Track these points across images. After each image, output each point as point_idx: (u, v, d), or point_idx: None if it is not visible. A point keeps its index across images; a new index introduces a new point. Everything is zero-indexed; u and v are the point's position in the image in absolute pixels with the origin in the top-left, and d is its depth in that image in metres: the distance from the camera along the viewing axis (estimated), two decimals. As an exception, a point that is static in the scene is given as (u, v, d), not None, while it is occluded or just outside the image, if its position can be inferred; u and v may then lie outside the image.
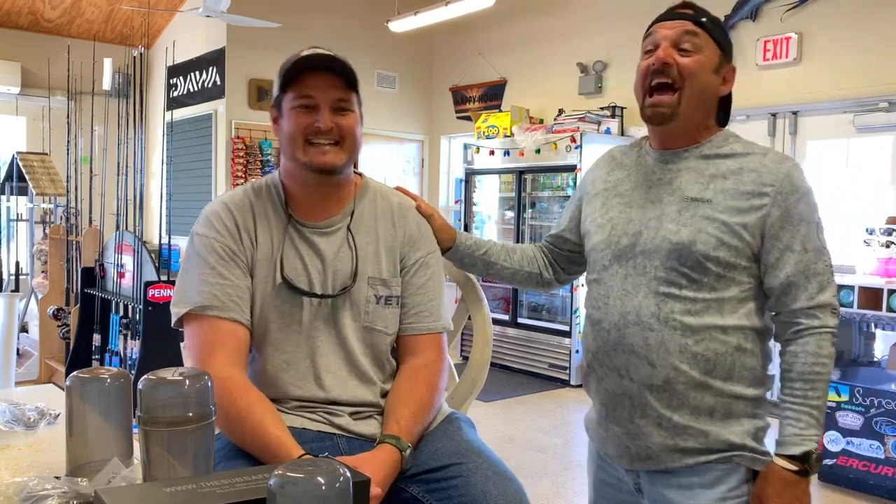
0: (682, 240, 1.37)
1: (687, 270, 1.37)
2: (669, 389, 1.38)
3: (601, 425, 1.52)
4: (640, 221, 1.44)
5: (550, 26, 6.51)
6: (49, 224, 5.36)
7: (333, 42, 6.89)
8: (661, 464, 1.41)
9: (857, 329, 3.87)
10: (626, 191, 1.51)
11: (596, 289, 1.50)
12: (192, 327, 1.44)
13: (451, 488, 1.35)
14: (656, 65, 1.39)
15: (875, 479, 3.41)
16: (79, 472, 1.08)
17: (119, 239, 4.19)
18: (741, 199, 1.36)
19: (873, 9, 4.55)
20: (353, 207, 1.56)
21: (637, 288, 1.41)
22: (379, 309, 1.53)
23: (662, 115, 1.40)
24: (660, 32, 1.42)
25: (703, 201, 1.38)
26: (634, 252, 1.43)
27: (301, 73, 1.45)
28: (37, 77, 6.76)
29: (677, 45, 1.39)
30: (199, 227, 1.51)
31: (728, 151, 1.42)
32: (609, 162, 1.61)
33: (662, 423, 1.40)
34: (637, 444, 1.43)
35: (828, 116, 4.82)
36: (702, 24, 1.40)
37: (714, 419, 1.38)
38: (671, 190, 1.43)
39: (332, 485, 0.82)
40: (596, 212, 1.55)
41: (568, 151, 5.46)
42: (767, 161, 1.38)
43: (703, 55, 1.39)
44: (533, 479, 3.59)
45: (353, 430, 1.47)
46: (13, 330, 4.44)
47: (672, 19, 1.42)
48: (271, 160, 6.77)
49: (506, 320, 6.03)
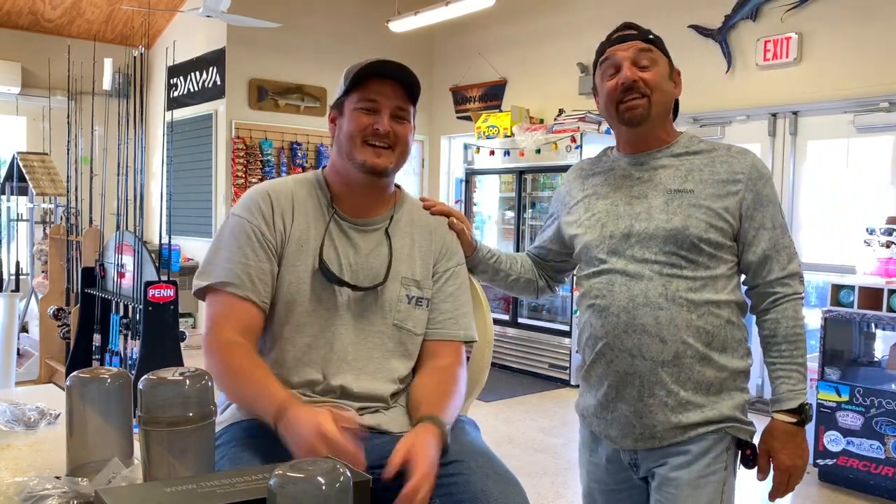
0: (676, 226, 1.53)
1: (685, 252, 1.53)
2: (678, 363, 1.52)
3: (605, 408, 1.62)
4: (629, 216, 1.59)
5: (550, 26, 6.51)
6: (49, 224, 5.36)
7: (333, 42, 6.91)
8: (664, 440, 1.55)
9: (857, 329, 3.87)
10: (607, 192, 1.66)
11: (596, 281, 1.62)
12: (211, 299, 1.50)
13: (452, 486, 1.35)
14: (626, 83, 1.55)
15: (875, 479, 3.41)
16: (79, 472, 1.09)
17: (119, 239, 4.19)
18: (718, 186, 1.55)
19: (873, 9, 4.55)
20: (393, 213, 1.62)
21: (640, 273, 1.55)
22: (410, 309, 1.57)
23: (640, 116, 1.56)
24: (618, 55, 1.58)
25: (685, 192, 1.55)
26: (630, 243, 1.57)
27: (367, 78, 1.52)
28: (37, 77, 6.77)
29: (636, 64, 1.56)
30: (237, 209, 1.57)
31: (697, 149, 1.61)
32: (580, 174, 1.76)
33: (669, 400, 1.53)
34: (643, 423, 1.56)
35: (828, 116, 4.82)
36: (650, 41, 1.59)
37: (710, 394, 1.54)
38: (653, 185, 1.59)
39: (332, 485, 0.82)
40: (581, 216, 1.68)
41: (568, 151, 5.46)
42: (733, 153, 1.59)
43: (658, 67, 1.58)
44: (533, 479, 3.59)
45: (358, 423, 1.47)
46: (13, 330, 4.44)
47: (623, 41, 1.59)
48: (271, 160, 6.77)
49: (506, 320, 6.03)
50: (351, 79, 1.53)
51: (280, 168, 6.81)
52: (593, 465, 1.73)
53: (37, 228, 5.66)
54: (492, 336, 1.87)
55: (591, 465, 1.74)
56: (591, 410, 1.68)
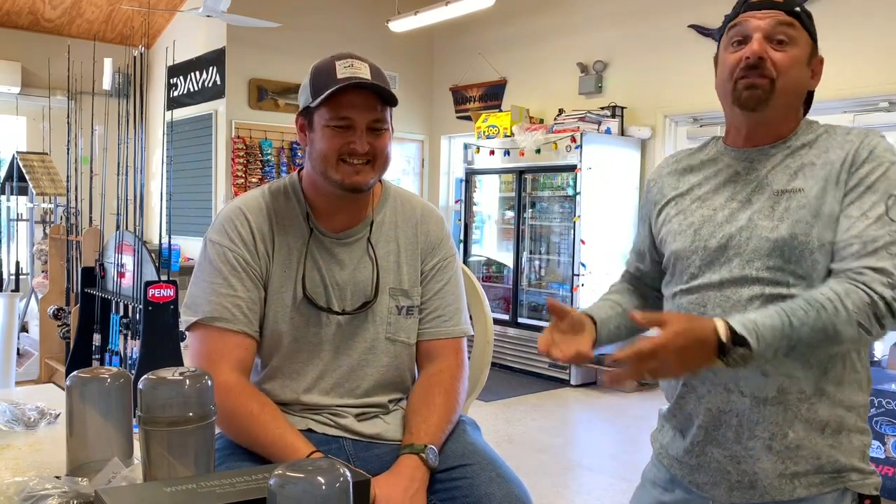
0: (783, 235, 1.26)
1: (793, 266, 1.26)
2: (783, 401, 1.27)
3: (694, 450, 1.37)
4: (728, 224, 1.33)
5: (550, 26, 6.51)
6: (49, 224, 5.35)
7: (333, 42, 6.90)
8: (767, 495, 1.30)
9: (857, 329, 3.86)
10: (705, 193, 1.39)
11: (685, 299, 1.36)
12: (200, 335, 1.44)
13: (455, 489, 1.35)
14: (751, 59, 1.27)
15: (875, 479, 3.41)
16: (79, 472, 1.09)
17: (119, 239, 4.19)
18: (829, 180, 1.26)
19: (873, 9, 4.55)
20: (373, 217, 1.55)
21: (739, 293, 1.29)
22: (401, 320, 1.53)
23: (757, 98, 1.29)
24: (751, 23, 1.30)
25: (794, 191, 1.28)
26: (727, 256, 1.31)
27: (337, 89, 1.40)
28: (37, 77, 6.76)
29: (771, 38, 1.28)
30: (214, 234, 1.49)
31: (810, 138, 1.33)
32: (675, 168, 1.49)
33: (774, 444, 1.28)
34: (741, 470, 1.31)
35: (828, 116, 4.81)
36: (796, 14, 1.30)
37: (825, 435, 1.28)
38: (759, 187, 1.32)
39: (332, 485, 0.82)
40: (671, 219, 1.42)
41: (568, 151, 5.46)
42: (852, 136, 1.30)
43: (797, 48, 1.30)
44: (533, 479, 3.59)
45: (357, 430, 1.47)
46: (13, 330, 4.43)
47: (763, 8, 1.30)
48: (271, 160, 6.77)
49: (506, 320, 6.03)
50: (318, 90, 1.41)
51: (280, 168, 6.81)
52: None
53: (37, 228, 5.66)
54: (492, 336, 1.87)
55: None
56: (671, 451, 1.43)
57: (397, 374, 1.54)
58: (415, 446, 1.37)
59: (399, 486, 1.30)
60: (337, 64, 1.41)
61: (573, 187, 5.50)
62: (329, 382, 1.49)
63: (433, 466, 1.36)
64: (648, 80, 5.76)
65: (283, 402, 1.47)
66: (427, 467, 1.35)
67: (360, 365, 1.50)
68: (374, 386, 1.51)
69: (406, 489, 1.30)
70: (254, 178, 6.66)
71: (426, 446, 1.37)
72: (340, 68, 1.40)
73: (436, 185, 7.83)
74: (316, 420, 1.47)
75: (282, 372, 1.49)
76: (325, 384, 1.49)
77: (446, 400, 1.48)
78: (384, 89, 1.41)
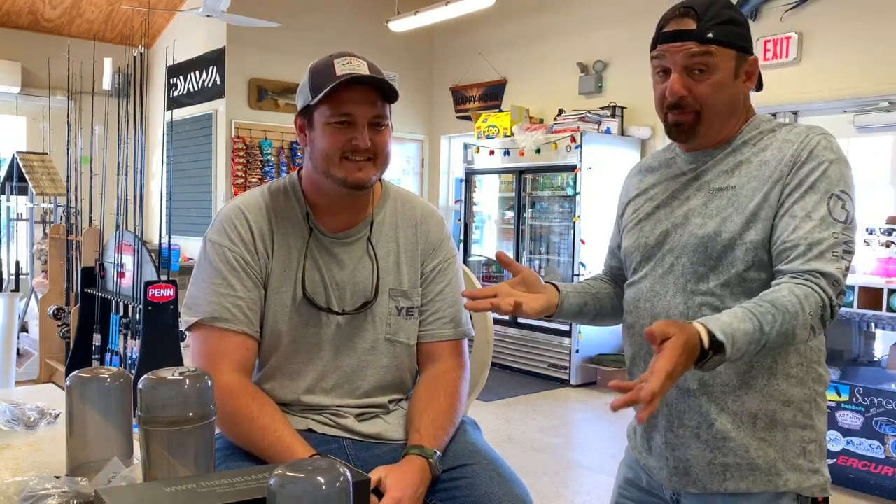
0: (709, 232, 1.30)
1: (713, 262, 1.30)
2: (707, 393, 1.30)
3: (644, 436, 1.44)
4: (668, 220, 1.39)
5: (550, 26, 6.51)
6: (49, 224, 5.35)
7: (333, 42, 6.90)
8: (700, 483, 1.33)
9: (857, 329, 3.87)
10: (655, 193, 1.45)
11: (629, 292, 1.45)
12: (200, 335, 1.44)
13: (456, 489, 1.36)
14: (672, 99, 1.32)
15: (875, 479, 3.41)
16: (79, 472, 1.09)
17: (119, 239, 4.19)
18: (763, 179, 1.29)
19: (873, 9, 4.55)
20: (373, 217, 1.54)
21: (665, 287, 1.35)
22: (400, 321, 1.53)
23: (685, 133, 1.34)
24: (668, 58, 1.32)
25: (727, 189, 1.32)
26: (663, 251, 1.37)
27: (337, 86, 1.39)
28: (37, 77, 6.76)
29: (690, 70, 1.30)
30: (213, 234, 1.49)
31: (752, 137, 1.35)
32: (640, 169, 1.55)
33: (701, 433, 1.31)
34: (676, 456, 1.35)
35: (828, 116, 4.82)
36: (709, 40, 1.29)
37: (757, 429, 1.29)
38: (699, 184, 1.37)
39: (332, 485, 0.82)
40: (629, 217, 1.49)
41: (568, 151, 5.46)
42: (792, 134, 1.31)
43: (718, 73, 1.30)
44: (533, 479, 3.59)
45: (358, 431, 1.47)
46: (13, 330, 4.43)
47: (677, 40, 1.31)
48: (271, 160, 6.77)
49: (506, 320, 6.02)
50: (318, 88, 1.40)
51: (280, 168, 6.81)
52: (629, 482, 1.52)
53: (37, 228, 5.66)
54: (492, 336, 1.87)
55: (626, 483, 1.52)
56: (633, 435, 1.51)
57: (397, 375, 1.54)
58: (425, 450, 1.36)
59: (410, 479, 1.30)
60: (336, 62, 1.41)
61: (573, 187, 5.50)
62: (329, 383, 1.49)
63: (437, 475, 1.36)
64: (648, 80, 5.64)
65: (284, 402, 1.47)
66: (432, 474, 1.35)
67: (360, 366, 1.50)
68: (375, 387, 1.51)
69: (417, 487, 1.30)
70: (254, 178, 6.66)
71: (435, 452, 1.36)
72: (339, 66, 1.40)
73: (436, 185, 7.83)
74: (316, 420, 1.47)
75: (281, 372, 1.49)
76: (325, 385, 1.48)
77: (451, 402, 1.48)
78: (384, 84, 1.41)
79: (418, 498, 1.30)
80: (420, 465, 1.33)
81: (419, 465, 1.34)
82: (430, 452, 1.36)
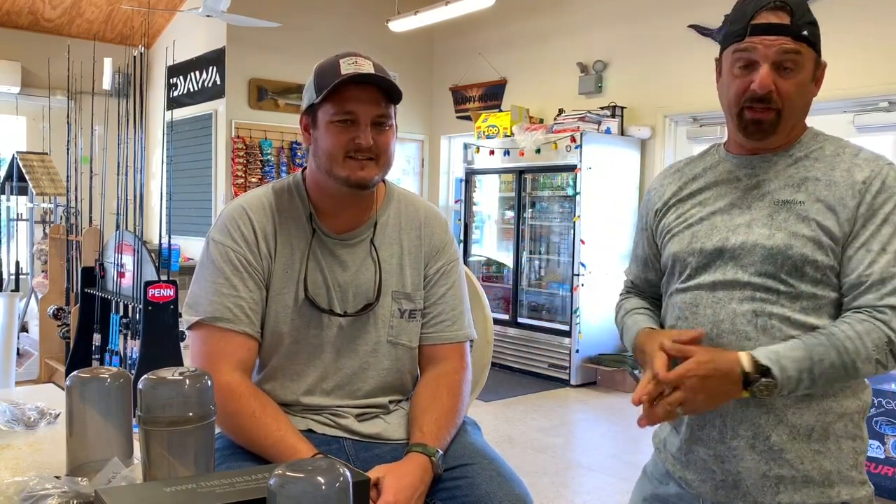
0: (777, 244, 1.28)
1: (784, 276, 1.28)
2: (767, 404, 1.28)
3: (683, 447, 1.39)
4: (725, 228, 1.35)
5: (550, 26, 6.51)
6: (49, 224, 5.36)
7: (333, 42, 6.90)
8: (749, 496, 1.31)
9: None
10: (706, 198, 1.41)
11: (679, 298, 1.40)
12: (201, 335, 1.44)
13: (456, 489, 1.36)
14: (759, 92, 1.27)
15: (875, 479, 3.41)
16: (79, 472, 1.09)
17: (119, 239, 4.19)
18: (832, 199, 1.29)
19: (874, 9, 4.55)
20: (377, 218, 1.54)
21: (730, 295, 1.32)
22: (403, 323, 1.52)
23: (763, 131, 1.31)
24: (759, 50, 1.27)
25: (795, 203, 1.30)
26: (723, 259, 1.34)
27: (341, 84, 1.39)
28: (37, 77, 6.76)
29: (778, 66, 1.27)
30: (216, 233, 1.49)
31: (818, 153, 1.34)
32: (674, 175, 1.50)
33: (757, 444, 1.30)
34: (725, 469, 1.33)
35: (828, 116, 4.81)
36: (803, 38, 1.28)
37: (812, 441, 1.29)
38: (760, 194, 1.34)
39: (332, 485, 0.82)
40: (672, 222, 1.44)
41: (568, 151, 5.46)
42: (860, 159, 1.32)
43: (803, 72, 1.29)
44: (533, 479, 3.59)
45: (358, 431, 1.47)
46: (13, 330, 4.43)
47: (771, 34, 1.27)
48: (271, 160, 6.77)
49: (506, 320, 6.03)
50: (322, 86, 1.41)
51: (280, 168, 6.81)
52: (656, 497, 1.47)
53: (37, 228, 5.66)
54: (492, 336, 1.87)
55: (653, 499, 1.48)
56: (666, 446, 1.45)
57: (398, 377, 1.54)
58: (428, 448, 1.36)
59: (409, 479, 1.30)
60: (341, 62, 1.41)
61: (573, 187, 5.50)
62: (330, 384, 1.49)
63: (438, 474, 1.36)
64: (648, 80, 5.76)
65: (284, 402, 1.47)
66: (434, 473, 1.35)
67: (361, 368, 1.49)
68: (376, 388, 1.51)
69: (416, 487, 1.30)
70: (253, 178, 6.66)
71: (437, 451, 1.36)
72: (345, 65, 1.41)
73: (436, 185, 7.83)
74: (316, 420, 1.47)
75: (282, 372, 1.49)
76: (325, 386, 1.48)
77: (454, 402, 1.48)
78: (388, 83, 1.41)
79: (418, 497, 1.30)
80: (422, 464, 1.33)
81: (421, 463, 1.34)
82: (433, 451, 1.36)
